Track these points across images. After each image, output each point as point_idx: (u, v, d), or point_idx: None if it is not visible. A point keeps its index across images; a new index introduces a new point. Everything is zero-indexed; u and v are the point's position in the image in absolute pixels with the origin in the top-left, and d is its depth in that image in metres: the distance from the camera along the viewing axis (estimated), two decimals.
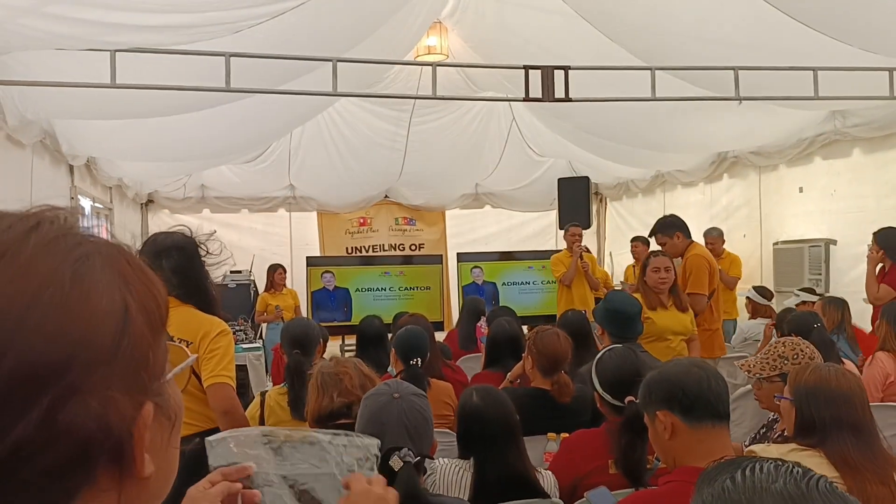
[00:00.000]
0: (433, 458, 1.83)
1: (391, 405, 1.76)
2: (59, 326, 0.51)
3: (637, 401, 2.42)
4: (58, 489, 0.52)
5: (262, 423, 3.17)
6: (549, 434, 3.03)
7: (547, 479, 2.46)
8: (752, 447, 2.24)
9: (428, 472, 2.11)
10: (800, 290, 6.17)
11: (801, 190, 7.11)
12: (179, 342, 2.64)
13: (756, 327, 6.22)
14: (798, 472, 0.79)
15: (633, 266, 8.19)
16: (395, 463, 1.69)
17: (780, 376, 2.59)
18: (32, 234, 0.54)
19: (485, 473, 2.20)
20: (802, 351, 2.67)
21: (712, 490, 0.80)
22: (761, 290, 6.54)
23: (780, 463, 0.81)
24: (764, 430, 2.87)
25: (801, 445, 2.02)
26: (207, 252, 2.78)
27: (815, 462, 1.93)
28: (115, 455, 0.54)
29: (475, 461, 2.23)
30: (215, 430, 2.69)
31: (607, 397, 2.55)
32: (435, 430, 1.90)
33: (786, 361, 2.62)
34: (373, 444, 1.21)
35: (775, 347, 2.72)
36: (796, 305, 5.63)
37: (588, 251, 7.60)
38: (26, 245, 0.53)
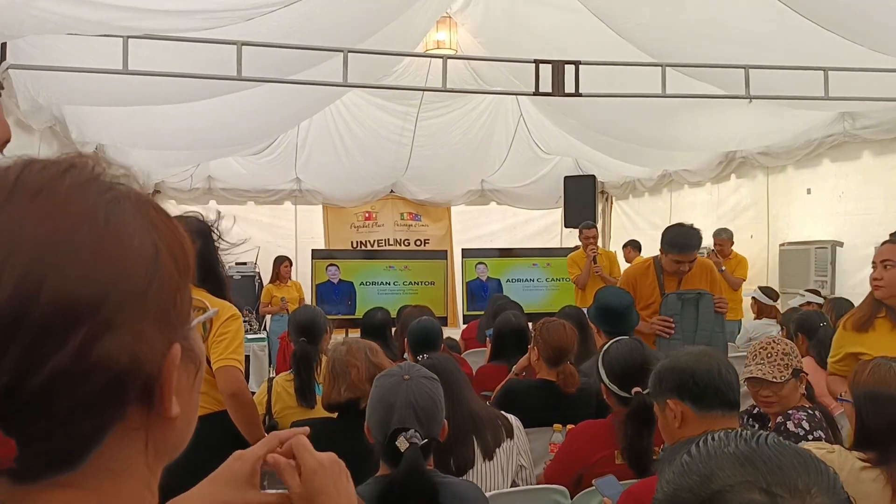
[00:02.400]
0: (441, 441, 1.83)
1: (400, 386, 1.76)
2: (94, 262, 0.52)
3: (644, 392, 2.44)
4: (91, 423, 0.53)
5: (269, 408, 3.19)
6: (555, 425, 3.03)
7: (511, 420, 2.67)
8: (809, 445, 2.04)
9: None
10: (805, 290, 6.17)
11: (808, 191, 7.10)
12: None
13: (761, 328, 6.22)
14: (747, 433, 0.84)
15: None
16: (402, 444, 1.69)
17: (793, 373, 2.57)
18: (67, 175, 0.55)
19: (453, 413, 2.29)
20: (790, 344, 2.67)
21: (673, 468, 0.85)
22: (767, 291, 6.55)
23: (730, 430, 0.87)
24: (750, 420, 2.85)
25: (865, 460, 1.86)
26: (220, 237, 2.80)
27: (876, 486, 1.80)
28: (145, 392, 0.55)
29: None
30: (223, 413, 2.71)
31: (614, 388, 2.56)
32: None
33: (791, 358, 2.61)
34: None
35: (773, 347, 2.65)
36: (800, 306, 5.63)
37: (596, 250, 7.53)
38: (62, 184, 0.54)
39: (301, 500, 1.02)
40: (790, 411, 2.54)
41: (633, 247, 8.57)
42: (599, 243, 10.14)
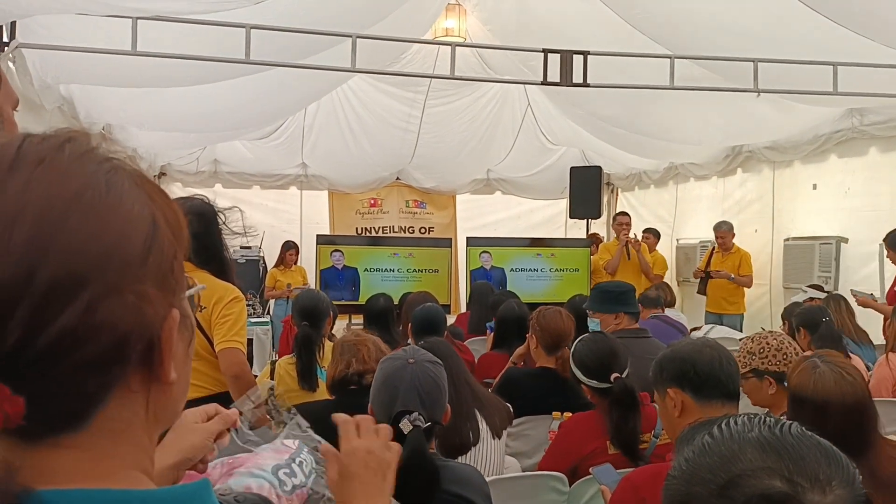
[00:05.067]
0: (444, 425, 1.85)
1: (405, 370, 1.78)
2: (97, 227, 0.54)
3: (622, 377, 2.47)
4: (95, 383, 0.55)
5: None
6: (554, 413, 3.05)
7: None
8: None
9: None
10: (808, 286, 6.17)
11: (814, 187, 7.08)
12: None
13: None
14: (771, 420, 0.84)
15: None
16: (405, 426, 1.71)
17: (752, 372, 2.53)
18: (66, 146, 0.58)
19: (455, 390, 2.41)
20: (769, 343, 2.58)
21: (692, 447, 0.85)
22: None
23: (753, 415, 0.87)
24: None
25: None
26: (225, 221, 2.82)
27: None
28: (146, 355, 0.57)
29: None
30: (225, 394, 2.73)
31: (593, 384, 2.59)
32: None
33: (754, 357, 2.56)
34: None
35: (746, 343, 2.66)
36: (804, 301, 5.64)
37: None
38: (62, 154, 0.57)
39: (335, 486, 1.09)
40: (781, 417, 2.52)
41: (652, 234, 8.54)
42: (606, 234, 10.20)
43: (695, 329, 6.35)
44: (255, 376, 3.91)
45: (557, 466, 2.61)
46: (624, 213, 8.17)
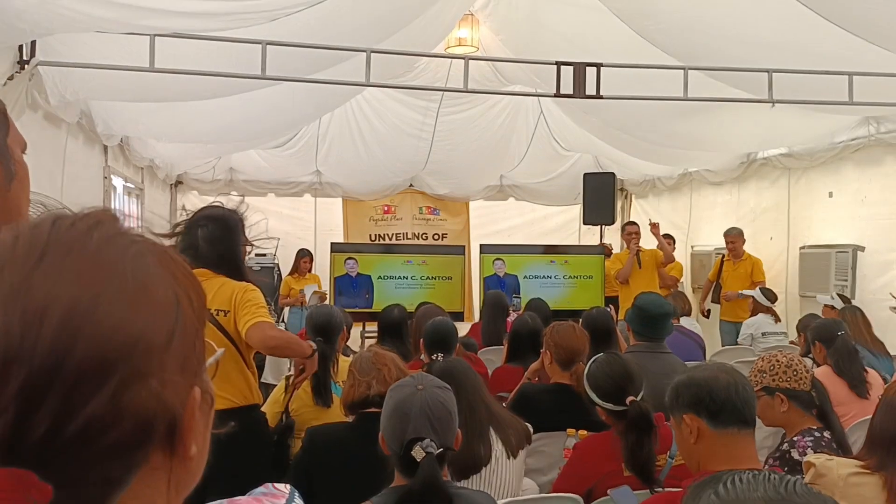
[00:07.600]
0: (456, 451, 1.86)
1: (415, 396, 1.79)
2: (124, 315, 0.56)
3: (637, 400, 2.47)
4: (120, 465, 0.56)
5: (287, 407, 3.23)
6: (568, 430, 3.05)
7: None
8: (811, 458, 2.06)
9: None
10: (836, 294, 6.11)
11: (830, 195, 7.04)
12: (217, 313, 2.72)
13: (762, 324, 6.31)
14: (775, 478, 0.84)
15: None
16: (418, 453, 1.72)
17: (763, 390, 2.54)
18: (94, 231, 0.59)
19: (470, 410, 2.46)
20: (778, 361, 2.60)
21: None
22: (766, 293, 6.57)
23: (758, 472, 0.86)
24: (786, 446, 2.83)
25: (863, 467, 1.88)
26: (244, 225, 2.87)
27: (871, 489, 1.83)
28: (168, 435, 0.58)
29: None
30: (251, 407, 2.77)
31: (609, 406, 2.58)
32: None
33: (765, 375, 2.58)
34: None
35: (757, 363, 2.68)
36: (824, 307, 5.63)
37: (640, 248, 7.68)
38: (90, 241, 0.58)
39: None
40: (795, 437, 2.52)
41: (670, 239, 8.52)
42: (620, 241, 10.17)
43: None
44: (271, 386, 3.93)
45: (572, 490, 2.60)
46: (632, 223, 8.12)
